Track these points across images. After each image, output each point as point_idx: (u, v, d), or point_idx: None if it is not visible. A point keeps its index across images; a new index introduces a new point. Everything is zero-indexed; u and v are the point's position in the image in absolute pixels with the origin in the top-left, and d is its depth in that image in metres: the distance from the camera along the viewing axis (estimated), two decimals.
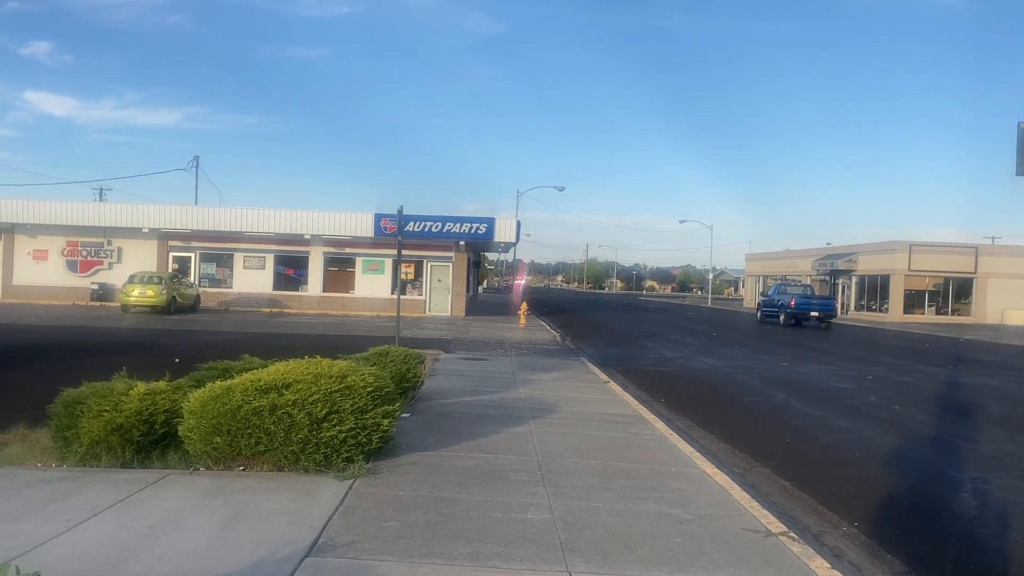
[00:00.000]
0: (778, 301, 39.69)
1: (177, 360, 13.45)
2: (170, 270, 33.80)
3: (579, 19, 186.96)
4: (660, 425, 9.82)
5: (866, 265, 52.21)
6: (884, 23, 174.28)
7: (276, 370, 6.86)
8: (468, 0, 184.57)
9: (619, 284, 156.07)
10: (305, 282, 35.74)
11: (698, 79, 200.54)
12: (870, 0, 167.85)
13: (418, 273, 35.64)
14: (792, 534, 5.61)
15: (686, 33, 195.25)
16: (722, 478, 7.16)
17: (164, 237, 34.90)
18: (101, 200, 50.70)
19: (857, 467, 8.58)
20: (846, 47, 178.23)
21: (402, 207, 17.07)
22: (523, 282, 44.08)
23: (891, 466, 8.72)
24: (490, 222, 33.46)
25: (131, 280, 29.91)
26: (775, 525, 5.77)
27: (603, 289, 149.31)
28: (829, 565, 5.03)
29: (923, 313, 49.70)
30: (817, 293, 45.31)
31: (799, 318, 38.04)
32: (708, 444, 9.37)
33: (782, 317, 38.65)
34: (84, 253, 34.99)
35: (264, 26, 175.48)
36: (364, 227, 33.41)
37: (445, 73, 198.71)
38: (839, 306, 50.42)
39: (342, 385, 6.66)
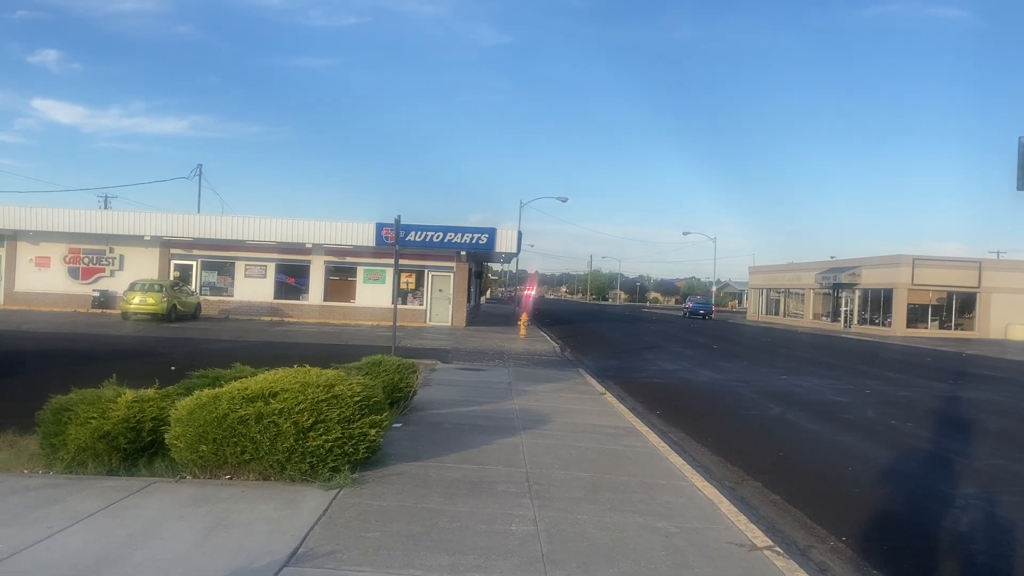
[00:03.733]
0: (688, 306, 71.07)
1: (173, 368, 13.46)
2: (171, 278, 33.86)
3: (585, 32, 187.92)
4: (653, 438, 9.78)
5: (869, 279, 52.13)
6: (887, 38, 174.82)
7: (264, 379, 6.85)
8: (475, 12, 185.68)
9: (623, 295, 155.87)
10: (306, 291, 35.77)
11: (702, 92, 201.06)
12: (874, 15, 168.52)
13: (419, 283, 35.66)
14: (778, 548, 5.56)
15: (691, 47, 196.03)
16: (711, 491, 7.12)
17: (166, 245, 34.99)
18: (106, 207, 50.86)
19: (850, 482, 8.52)
20: (850, 62, 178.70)
21: (399, 216, 17.10)
22: (533, 293, 42.39)
23: (884, 481, 8.66)
24: (491, 232, 33.49)
25: (132, 288, 29.96)
26: (761, 539, 5.73)
27: (607, 300, 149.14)
28: None
29: (926, 327, 49.52)
30: (711, 303, 72.94)
31: (694, 314, 66.64)
32: (700, 457, 9.33)
33: (688, 314, 68.13)
34: (86, 260, 35.09)
35: (272, 36, 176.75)
36: (366, 236, 33.46)
37: (451, 84, 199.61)
38: (842, 319, 55.55)
39: (329, 394, 6.65)
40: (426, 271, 35.32)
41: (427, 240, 32.84)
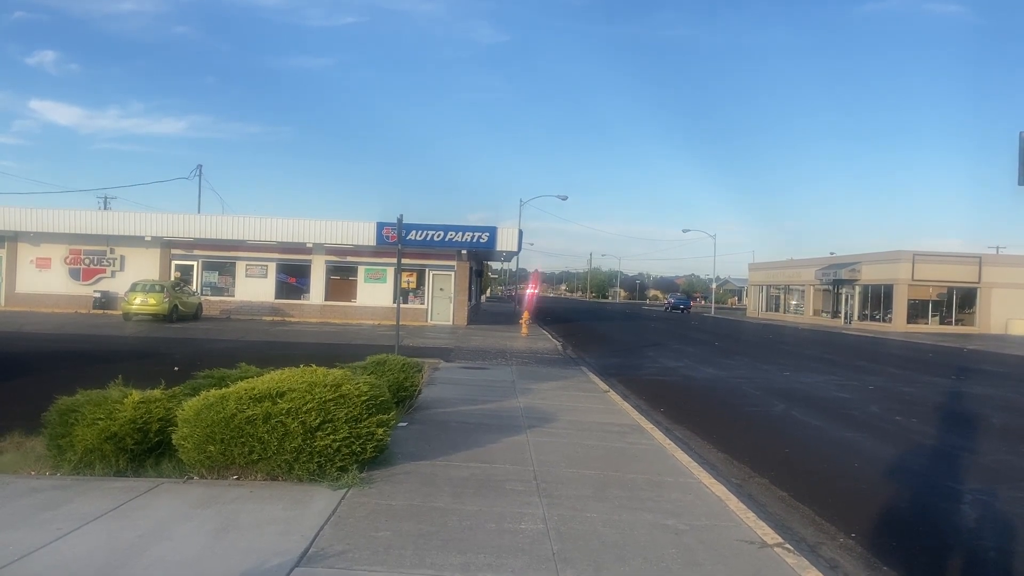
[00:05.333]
0: (669, 301, 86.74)
1: (176, 368, 13.45)
2: (172, 278, 33.84)
3: (584, 30, 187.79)
4: (658, 435, 9.77)
5: (869, 275, 52.14)
6: (887, 35, 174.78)
7: (271, 379, 6.83)
8: (473, 11, 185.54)
9: (623, 293, 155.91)
10: (307, 290, 35.76)
11: (701, 89, 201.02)
12: (873, 12, 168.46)
13: (420, 282, 35.64)
14: (788, 545, 5.55)
15: (690, 44, 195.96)
16: (719, 488, 7.11)
17: (167, 245, 34.97)
18: (105, 208, 50.83)
19: (857, 478, 8.51)
20: (849, 58, 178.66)
21: (402, 216, 17.10)
22: (536, 291, 41.43)
23: (891, 477, 8.66)
24: (492, 231, 33.49)
25: (133, 288, 29.93)
26: (771, 536, 5.72)
27: (606, 298, 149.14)
28: None
29: (926, 323, 49.56)
30: (689, 299, 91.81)
31: (674, 308, 79.90)
32: (706, 454, 9.32)
33: (669, 309, 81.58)
34: (87, 261, 35.07)
35: (270, 36, 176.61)
36: (366, 236, 33.45)
37: (450, 83, 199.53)
38: (843, 316, 55.63)
39: (336, 394, 6.63)
40: (427, 270, 35.31)
41: (428, 239, 32.83)
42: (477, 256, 39.78)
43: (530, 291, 38.93)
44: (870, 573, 5.52)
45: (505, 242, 34.04)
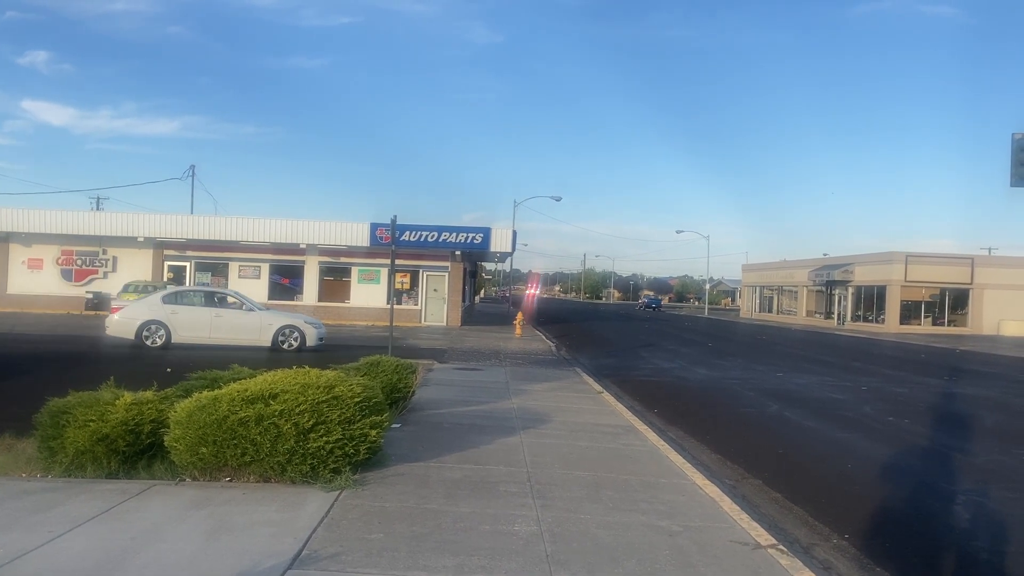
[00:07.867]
0: (643, 301, 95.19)
1: (169, 370, 13.39)
2: (165, 279, 33.70)
3: (578, 30, 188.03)
4: (652, 436, 9.77)
5: (862, 276, 52.32)
6: (880, 36, 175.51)
7: (263, 380, 6.81)
8: (468, 11, 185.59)
9: (616, 294, 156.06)
10: (300, 291, 35.65)
11: (696, 90, 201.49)
12: (867, 13, 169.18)
13: (414, 283, 35.59)
14: (781, 546, 5.56)
15: (684, 45, 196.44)
16: (712, 489, 7.12)
17: (159, 246, 34.82)
18: (98, 209, 50.62)
19: (850, 479, 8.53)
20: (843, 59, 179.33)
21: (395, 216, 17.04)
22: (535, 292, 40.93)
23: (884, 478, 8.68)
24: (486, 232, 33.47)
25: (125, 289, 29.74)
26: (764, 537, 5.73)
27: (600, 299, 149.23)
28: None
29: (919, 324, 49.75)
30: (660, 299, 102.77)
31: (647, 307, 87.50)
32: (700, 455, 9.33)
33: (642, 308, 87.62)
34: (79, 262, 34.89)
35: (264, 36, 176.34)
36: (360, 236, 33.38)
37: (444, 83, 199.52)
38: (836, 317, 56.00)
39: (329, 395, 6.61)
40: (421, 271, 35.25)
41: (422, 240, 32.79)
42: (471, 257, 39.75)
43: (530, 292, 38.82)
44: (863, 574, 5.53)
45: (499, 243, 34.02)
